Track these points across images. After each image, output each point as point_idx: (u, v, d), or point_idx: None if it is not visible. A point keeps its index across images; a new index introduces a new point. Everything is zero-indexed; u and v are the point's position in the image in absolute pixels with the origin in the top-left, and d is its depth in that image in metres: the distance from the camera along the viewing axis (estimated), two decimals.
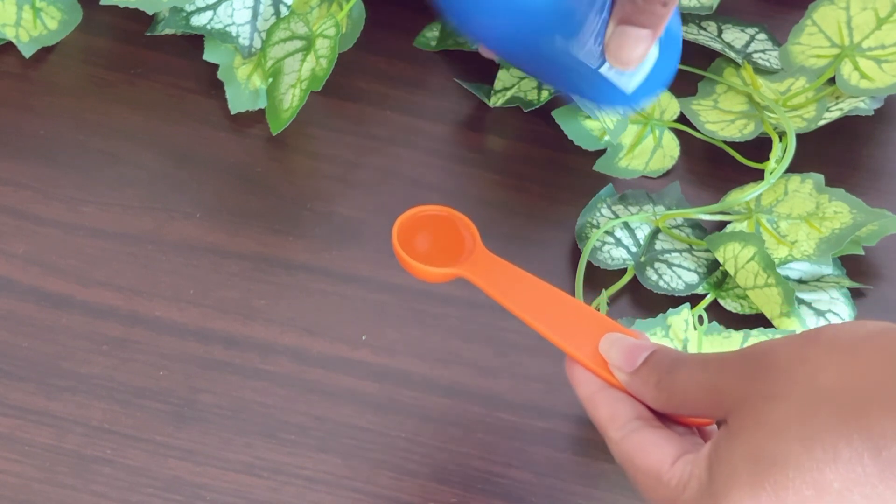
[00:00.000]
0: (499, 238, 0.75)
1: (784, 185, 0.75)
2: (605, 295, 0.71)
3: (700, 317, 0.69)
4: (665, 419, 0.50)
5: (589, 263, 0.73)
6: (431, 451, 0.67)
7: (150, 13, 0.80)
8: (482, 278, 0.52)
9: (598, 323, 0.53)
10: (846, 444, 0.41)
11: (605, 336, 0.51)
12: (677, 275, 0.73)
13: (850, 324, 0.44)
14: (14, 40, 0.78)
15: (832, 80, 0.79)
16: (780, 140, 0.76)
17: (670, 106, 0.80)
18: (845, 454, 0.41)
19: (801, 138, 0.76)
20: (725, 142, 0.79)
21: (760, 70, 0.81)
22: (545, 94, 0.79)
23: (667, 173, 0.79)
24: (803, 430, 0.42)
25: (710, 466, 0.45)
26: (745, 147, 0.78)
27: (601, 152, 0.78)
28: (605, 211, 0.75)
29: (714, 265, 0.74)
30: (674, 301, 0.71)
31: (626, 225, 0.75)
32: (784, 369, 0.44)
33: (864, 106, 0.78)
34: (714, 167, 0.79)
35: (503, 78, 0.79)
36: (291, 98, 0.75)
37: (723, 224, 0.75)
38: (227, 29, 0.78)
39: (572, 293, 0.73)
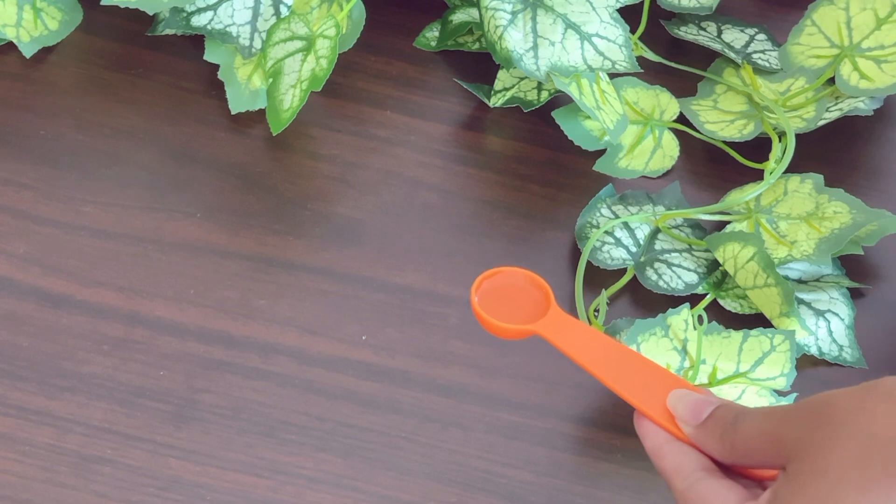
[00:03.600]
0: (499, 238, 0.75)
1: (784, 185, 0.75)
2: (605, 295, 0.71)
3: (700, 317, 0.69)
4: (731, 472, 0.52)
5: (589, 263, 0.73)
6: (431, 451, 0.67)
7: (151, 13, 0.80)
8: (557, 336, 0.56)
9: (666, 379, 0.55)
10: None
11: (672, 392, 0.54)
12: (677, 275, 0.73)
13: None
14: (15, 40, 0.79)
15: (832, 81, 0.79)
16: (780, 140, 0.76)
17: (670, 106, 0.80)
18: None
19: (801, 138, 0.76)
20: (725, 142, 0.79)
21: (760, 70, 0.81)
22: (545, 95, 0.79)
23: (667, 173, 0.79)
24: (859, 477, 0.44)
25: None
26: (744, 147, 0.78)
27: (601, 152, 0.78)
28: (605, 211, 0.75)
29: (714, 265, 0.74)
30: (673, 301, 0.71)
31: (625, 225, 0.75)
32: (842, 418, 0.46)
33: (864, 106, 0.78)
34: (714, 167, 0.79)
35: (503, 78, 0.79)
36: (291, 98, 0.75)
37: (722, 224, 0.75)
38: (228, 29, 0.78)
39: (572, 293, 0.73)
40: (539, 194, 0.77)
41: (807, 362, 0.71)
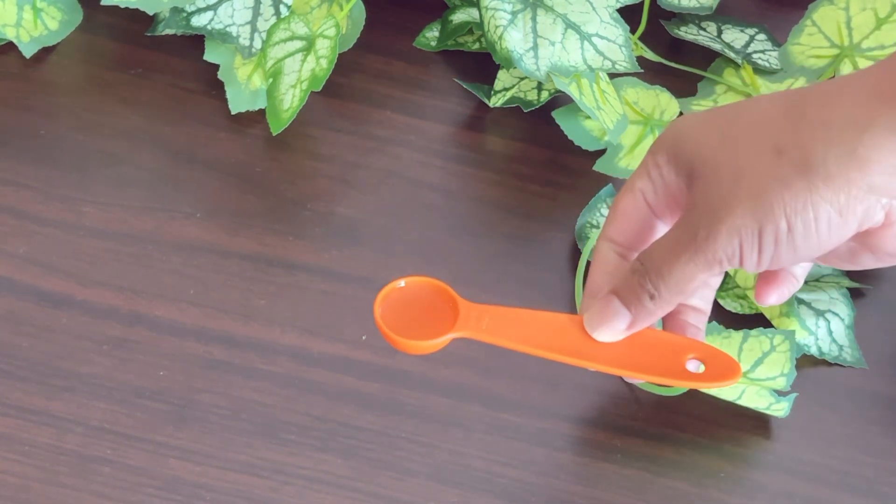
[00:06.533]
0: (499, 238, 0.75)
1: None
2: None
3: None
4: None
5: (589, 263, 0.73)
6: (431, 451, 0.67)
7: (151, 13, 0.80)
8: (478, 332, 0.53)
9: None
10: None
11: (581, 321, 0.53)
12: None
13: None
14: (14, 40, 0.79)
15: None
16: None
17: (670, 106, 0.80)
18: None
19: None
20: None
21: (760, 70, 0.81)
22: (545, 95, 0.79)
23: None
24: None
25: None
26: None
27: (601, 152, 0.78)
28: (604, 211, 0.75)
29: None
30: None
31: None
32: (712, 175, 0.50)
33: None
34: None
35: (503, 78, 0.79)
36: (291, 98, 0.75)
37: None
38: (228, 29, 0.78)
39: (572, 293, 0.73)
40: (539, 194, 0.77)
41: (807, 362, 0.71)
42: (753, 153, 0.48)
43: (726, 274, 0.73)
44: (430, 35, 0.83)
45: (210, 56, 0.79)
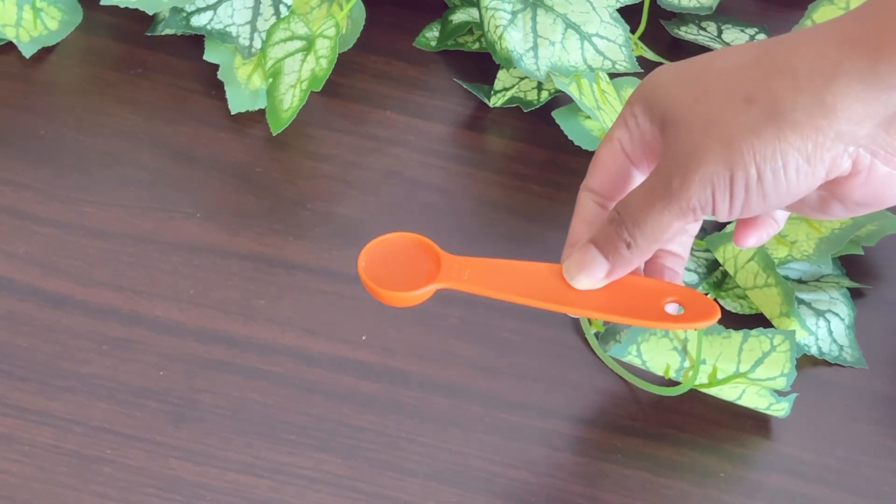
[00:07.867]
0: (499, 238, 0.75)
1: None
2: None
3: None
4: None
5: None
6: (431, 451, 0.67)
7: (151, 13, 0.80)
8: (460, 282, 0.55)
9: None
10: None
11: (560, 272, 0.54)
12: None
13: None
14: (14, 40, 0.79)
15: None
16: None
17: None
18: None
19: None
20: None
21: None
22: (545, 94, 0.79)
23: None
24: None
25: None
26: None
27: None
28: None
29: (714, 265, 0.74)
30: None
31: None
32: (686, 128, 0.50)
33: None
34: None
35: (503, 78, 0.79)
36: (291, 98, 0.75)
37: (723, 224, 0.75)
38: (228, 29, 0.78)
39: None
40: (539, 194, 0.77)
41: (807, 362, 0.71)
42: (724, 102, 0.49)
43: (726, 274, 0.74)
44: (430, 35, 0.83)
45: (210, 56, 0.79)
